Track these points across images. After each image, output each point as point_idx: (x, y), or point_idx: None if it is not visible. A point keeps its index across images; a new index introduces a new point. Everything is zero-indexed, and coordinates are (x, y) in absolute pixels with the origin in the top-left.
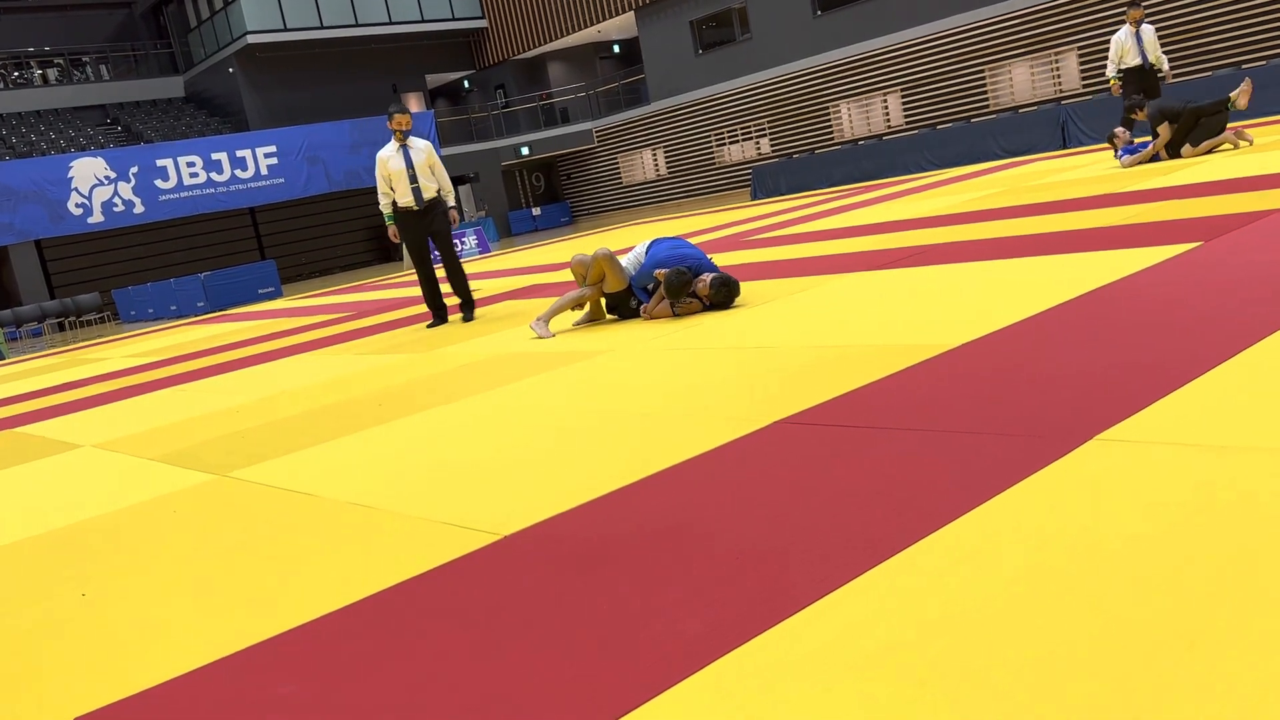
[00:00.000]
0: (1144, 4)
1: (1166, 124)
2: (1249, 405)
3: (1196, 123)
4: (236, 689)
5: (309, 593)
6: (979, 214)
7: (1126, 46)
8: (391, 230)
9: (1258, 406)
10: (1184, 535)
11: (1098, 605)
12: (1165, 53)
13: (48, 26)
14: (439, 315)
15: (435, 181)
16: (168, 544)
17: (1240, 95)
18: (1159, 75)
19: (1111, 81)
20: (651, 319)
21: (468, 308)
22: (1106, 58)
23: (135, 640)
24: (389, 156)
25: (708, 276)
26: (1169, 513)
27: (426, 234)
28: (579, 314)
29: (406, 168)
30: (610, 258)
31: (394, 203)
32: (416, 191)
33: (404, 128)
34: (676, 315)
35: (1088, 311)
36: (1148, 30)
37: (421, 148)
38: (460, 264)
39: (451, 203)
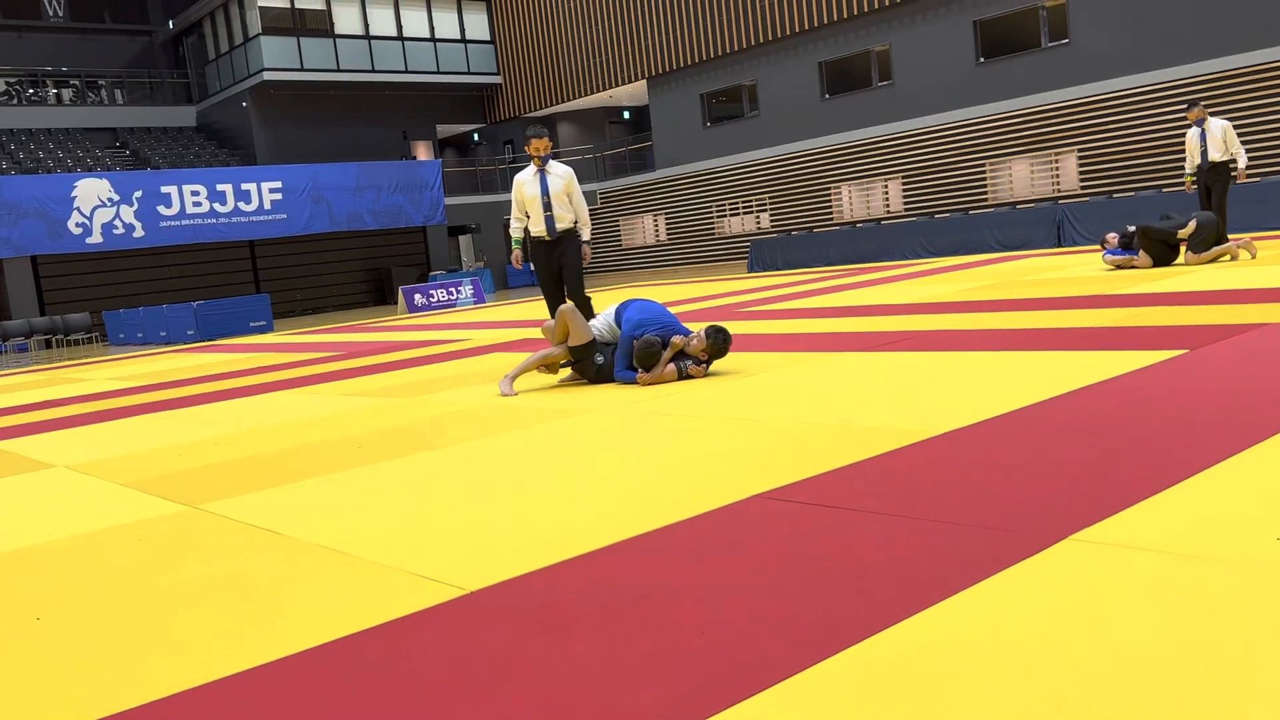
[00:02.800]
0: (1203, 103)
1: (1141, 249)
2: (1223, 515)
3: (1164, 242)
4: None
5: (267, 634)
6: (971, 304)
7: (1193, 145)
8: (516, 255)
9: (1232, 517)
10: (1151, 642)
11: (1059, 705)
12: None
13: (68, 47)
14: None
15: (571, 211)
16: (131, 573)
17: (1185, 233)
18: (1232, 172)
19: (1186, 179)
20: (647, 384)
21: None
22: (1105, 162)
23: (85, 669)
24: (526, 181)
25: (699, 333)
26: (1138, 618)
27: (558, 266)
28: (564, 373)
29: (541, 194)
30: (573, 311)
31: (527, 229)
32: (549, 220)
33: (540, 152)
34: (682, 376)
35: (1070, 410)
36: (1215, 126)
37: (561, 174)
38: (588, 299)
39: (586, 235)
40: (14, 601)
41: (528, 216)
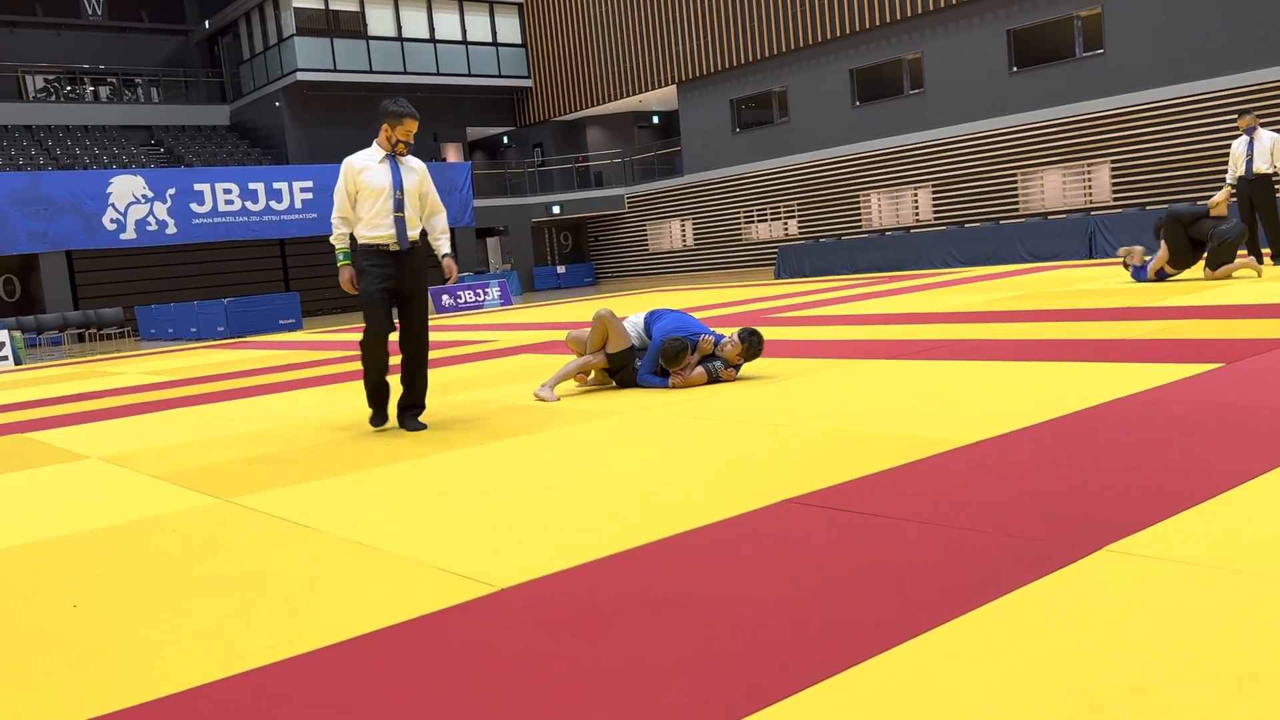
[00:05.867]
0: (1255, 111)
1: (1163, 238)
2: (1260, 530)
3: (1190, 240)
4: (218, 715)
5: (296, 628)
6: (1001, 314)
7: (1238, 154)
8: (348, 275)
9: (1269, 532)
10: (1186, 654)
11: (1093, 712)
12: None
13: (106, 46)
14: (382, 411)
15: (421, 219)
16: (164, 564)
17: (1218, 201)
18: (1276, 185)
19: (1225, 189)
20: (678, 388)
21: (412, 412)
22: (1138, 173)
23: (120, 658)
24: (366, 166)
25: (733, 335)
26: (1172, 631)
27: (397, 291)
28: (590, 376)
29: (394, 186)
30: (612, 316)
31: (352, 236)
32: (400, 224)
33: (408, 139)
34: (713, 379)
35: (1105, 422)
36: (1265, 137)
37: (416, 167)
38: (428, 347)
39: (446, 249)
40: (51, 588)
41: (358, 216)
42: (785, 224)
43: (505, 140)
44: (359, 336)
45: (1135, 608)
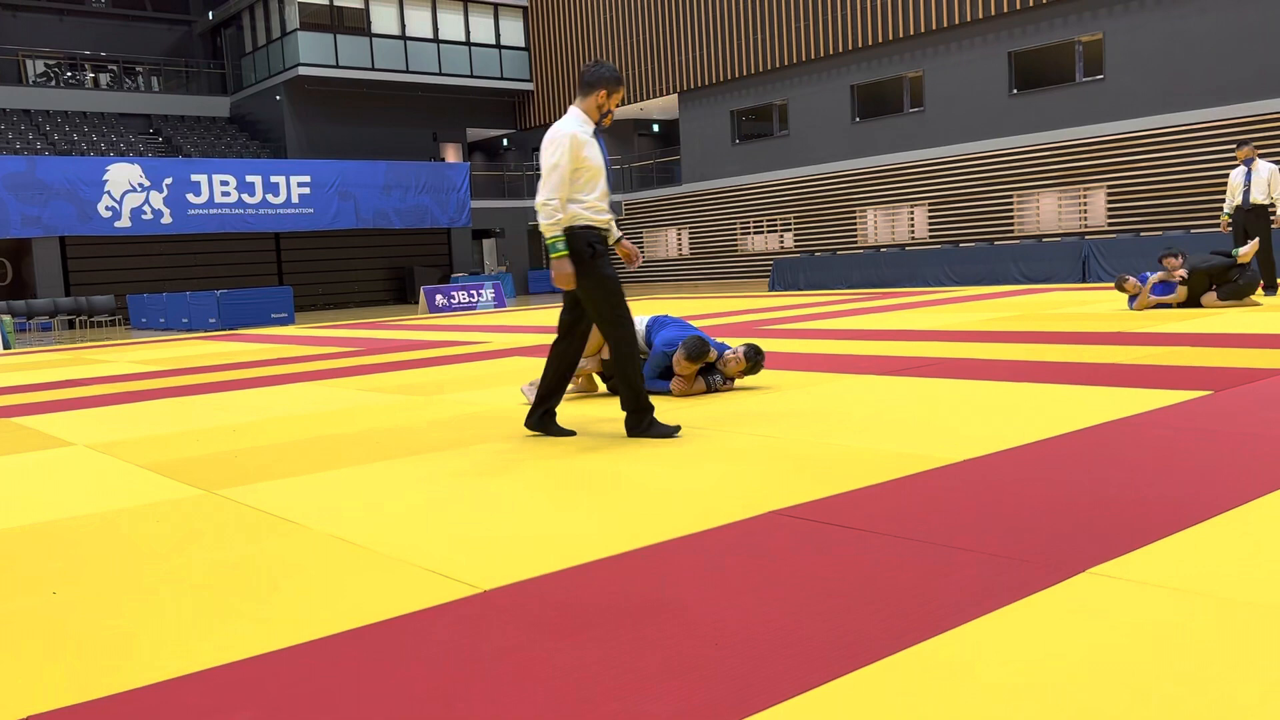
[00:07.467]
0: (1253, 142)
1: (1188, 286)
2: (1244, 558)
3: (1210, 283)
4: (193, 708)
5: (275, 622)
6: (993, 334)
7: (1235, 185)
8: (570, 268)
9: (1253, 560)
10: (1167, 679)
11: None
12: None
13: (108, 33)
14: (549, 413)
15: None
16: (146, 554)
17: (1247, 252)
18: (1271, 216)
19: (1222, 218)
20: (676, 395)
21: (643, 410)
22: (1134, 199)
23: (99, 646)
24: (588, 140)
25: (738, 350)
26: (1154, 655)
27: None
28: (579, 381)
29: (607, 167)
30: None
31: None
32: (614, 207)
33: (615, 110)
34: (711, 390)
35: (1093, 445)
36: (1262, 167)
37: None
38: None
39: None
40: (32, 574)
41: (578, 195)
42: (781, 237)
43: (505, 143)
44: (353, 334)
45: (1118, 631)
